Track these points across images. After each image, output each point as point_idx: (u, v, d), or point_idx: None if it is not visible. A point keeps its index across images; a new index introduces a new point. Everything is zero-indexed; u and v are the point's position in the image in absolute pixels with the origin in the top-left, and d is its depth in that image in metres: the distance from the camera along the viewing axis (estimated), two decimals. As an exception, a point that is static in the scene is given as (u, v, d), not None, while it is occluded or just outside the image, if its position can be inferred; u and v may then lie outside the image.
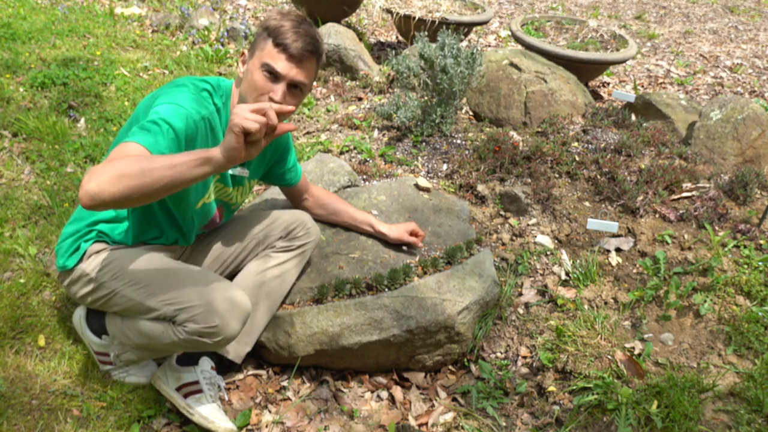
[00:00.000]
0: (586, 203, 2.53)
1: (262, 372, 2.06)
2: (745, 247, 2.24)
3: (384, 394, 2.04)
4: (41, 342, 1.94)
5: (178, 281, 1.61)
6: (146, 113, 1.53)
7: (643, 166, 2.65)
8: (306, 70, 1.56)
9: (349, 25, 5.23)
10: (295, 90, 1.57)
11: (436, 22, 4.28)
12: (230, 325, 1.59)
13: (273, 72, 1.53)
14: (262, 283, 1.90)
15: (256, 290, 1.89)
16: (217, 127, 1.63)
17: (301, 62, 1.53)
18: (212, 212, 1.83)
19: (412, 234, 2.14)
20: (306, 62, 1.55)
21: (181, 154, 1.31)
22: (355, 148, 2.93)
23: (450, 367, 2.15)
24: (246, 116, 1.23)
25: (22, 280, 2.13)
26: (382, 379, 2.09)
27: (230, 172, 1.74)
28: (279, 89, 1.53)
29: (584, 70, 3.94)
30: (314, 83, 3.96)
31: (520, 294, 2.28)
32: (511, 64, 3.35)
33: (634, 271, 2.28)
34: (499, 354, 2.14)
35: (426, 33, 3.05)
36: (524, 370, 2.06)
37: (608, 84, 4.68)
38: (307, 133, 3.27)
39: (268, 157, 1.91)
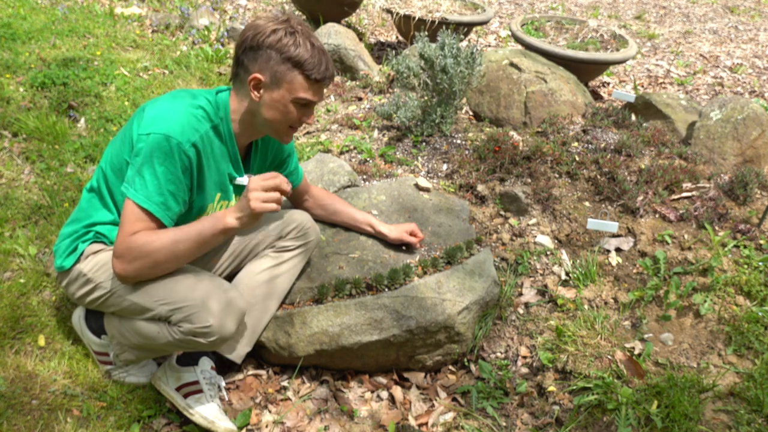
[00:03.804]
0: (586, 203, 2.53)
1: (262, 372, 2.06)
2: (745, 247, 2.24)
3: (384, 394, 2.04)
4: (41, 342, 1.94)
5: (173, 281, 1.61)
6: (140, 126, 1.53)
7: (643, 166, 2.65)
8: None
9: (349, 25, 5.23)
10: None
11: (436, 22, 4.28)
12: (225, 325, 1.59)
13: (310, 103, 1.62)
14: (262, 283, 1.90)
15: (255, 290, 1.89)
16: (213, 145, 1.63)
17: (327, 84, 1.63)
18: None
19: (412, 235, 2.14)
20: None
21: (202, 226, 1.53)
22: (355, 148, 2.93)
23: (450, 367, 2.15)
24: (266, 198, 1.46)
25: (22, 280, 2.13)
26: (382, 379, 2.09)
27: (235, 182, 1.75)
28: (312, 114, 1.67)
29: (584, 70, 3.94)
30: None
31: (520, 294, 2.28)
32: (511, 64, 3.35)
33: (634, 271, 2.28)
34: (499, 354, 2.14)
35: (426, 33, 3.05)
36: (524, 370, 2.06)
37: (608, 84, 4.68)
38: (307, 133, 3.27)
39: (269, 162, 1.91)
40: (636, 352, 1.97)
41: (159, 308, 1.60)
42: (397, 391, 2.04)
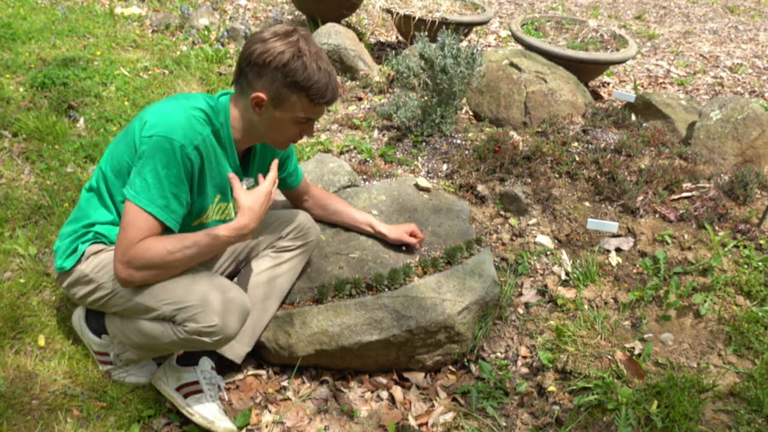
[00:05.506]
0: (586, 203, 2.53)
1: (262, 372, 2.06)
2: (745, 247, 2.24)
3: (384, 394, 2.04)
4: (41, 342, 1.94)
5: (178, 281, 1.60)
6: (143, 129, 1.53)
7: (643, 166, 2.65)
8: None
9: (349, 25, 5.23)
10: None
11: (436, 22, 4.28)
12: (230, 325, 1.59)
13: (310, 121, 1.63)
14: (262, 284, 1.90)
15: (256, 290, 1.89)
16: (214, 149, 1.62)
17: (330, 105, 1.66)
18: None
19: (412, 235, 2.14)
20: None
21: (205, 240, 1.55)
22: (355, 148, 2.93)
23: (450, 367, 2.15)
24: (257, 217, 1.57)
25: (22, 280, 2.13)
26: (382, 379, 2.09)
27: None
28: (312, 130, 1.67)
29: (584, 70, 3.94)
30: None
31: (520, 294, 2.28)
32: (511, 64, 3.35)
33: (634, 271, 2.28)
34: (499, 354, 2.14)
35: (426, 33, 3.05)
36: (524, 370, 2.06)
37: (608, 84, 4.68)
38: (307, 133, 3.26)
39: (268, 163, 1.91)
40: (636, 352, 1.97)
41: (163, 308, 1.59)
42: (397, 391, 2.04)
